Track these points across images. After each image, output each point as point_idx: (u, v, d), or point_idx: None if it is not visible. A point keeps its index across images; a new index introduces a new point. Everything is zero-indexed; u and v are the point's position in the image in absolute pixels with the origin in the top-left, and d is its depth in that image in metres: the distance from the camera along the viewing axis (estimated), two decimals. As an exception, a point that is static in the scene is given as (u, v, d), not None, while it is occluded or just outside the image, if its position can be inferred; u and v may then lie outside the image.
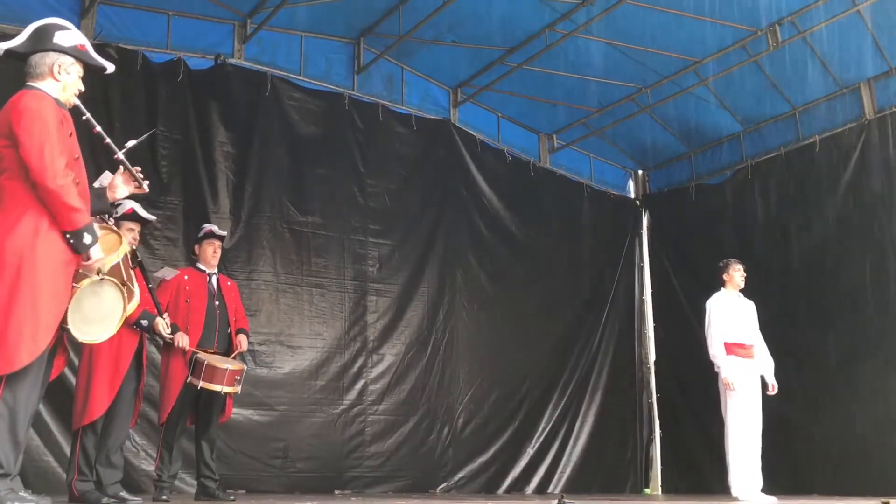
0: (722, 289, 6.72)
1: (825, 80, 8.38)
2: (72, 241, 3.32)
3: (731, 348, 6.44)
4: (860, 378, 7.88)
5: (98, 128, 3.59)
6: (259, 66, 8.18)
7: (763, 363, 6.54)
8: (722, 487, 8.46)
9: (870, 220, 8.03)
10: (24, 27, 3.54)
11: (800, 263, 8.43)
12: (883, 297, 7.84)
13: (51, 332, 3.27)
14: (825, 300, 8.27)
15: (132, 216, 4.98)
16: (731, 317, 6.53)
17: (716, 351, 6.45)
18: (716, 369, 6.51)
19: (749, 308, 6.70)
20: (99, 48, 3.75)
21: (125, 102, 7.25)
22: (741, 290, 6.74)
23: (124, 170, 3.71)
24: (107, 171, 4.11)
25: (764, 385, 6.52)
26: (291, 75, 8.39)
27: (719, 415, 6.65)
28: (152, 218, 5.34)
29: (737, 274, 6.66)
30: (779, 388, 6.50)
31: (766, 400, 6.54)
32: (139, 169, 3.76)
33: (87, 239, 3.35)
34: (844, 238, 8.22)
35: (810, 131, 8.76)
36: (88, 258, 3.38)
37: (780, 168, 9.00)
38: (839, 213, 8.33)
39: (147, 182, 3.78)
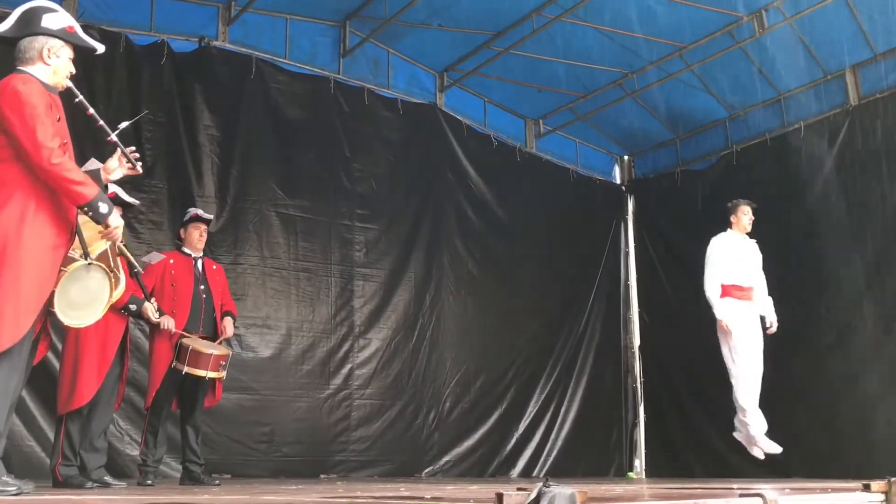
0: (728, 230, 6.59)
1: (810, 67, 8.40)
2: (90, 214, 3.34)
3: (728, 290, 6.32)
4: (842, 361, 7.96)
5: (91, 110, 3.59)
6: (243, 49, 8.12)
7: (762, 303, 6.43)
8: (704, 470, 8.58)
9: (853, 205, 8.09)
10: (7, 7, 3.50)
11: (783, 249, 8.47)
12: (865, 283, 7.91)
13: (33, 317, 3.26)
14: (808, 285, 8.33)
15: (114, 200, 4.91)
16: (731, 258, 6.40)
17: (710, 293, 6.31)
18: (713, 311, 6.35)
19: (752, 249, 6.58)
20: (81, 29, 3.70)
21: (108, 85, 7.19)
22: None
23: (119, 152, 3.69)
24: (93, 159, 4.09)
25: (763, 326, 6.40)
26: (276, 58, 8.33)
27: (702, 399, 6.66)
28: (135, 202, 5.32)
29: (744, 217, 6.53)
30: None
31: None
32: (133, 149, 3.75)
33: (103, 208, 3.36)
34: (828, 223, 8.27)
35: (795, 117, 8.80)
36: (108, 226, 3.39)
37: (765, 154, 9.04)
38: (823, 199, 8.37)
39: (141, 163, 3.78)
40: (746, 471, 6.58)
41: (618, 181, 10.93)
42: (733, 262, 6.42)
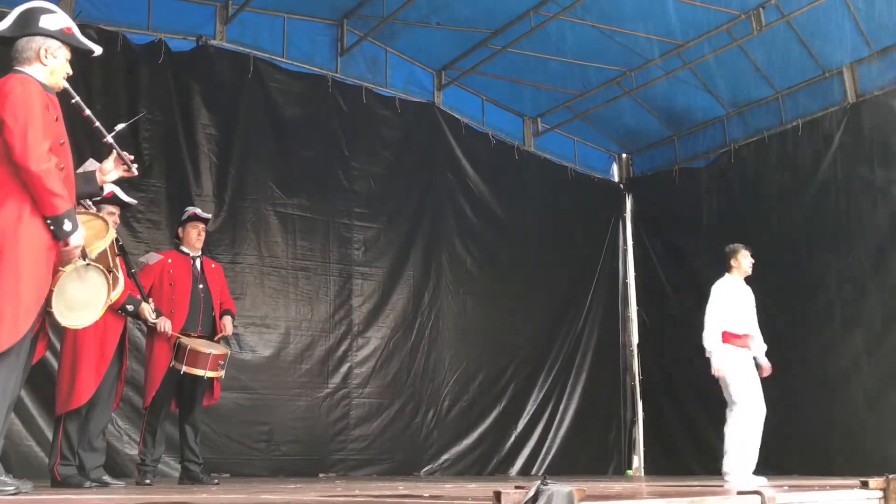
0: (727, 274, 6.43)
1: (808, 64, 8.41)
2: (52, 227, 3.31)
3: (729, 338, 6.24)
4: (841, 359, 7.98)
5: (87, 111, 3.59)
6: (241, 48, 8.11)
7: (757, 348, 6.37)
8: (702, 468, 8.58)
9: (851, 202, 8.10)
10: (6, 8, 3.50)
11: (781, 247, 8.49)
12: (861, 280, 7.92)
13: (32, 317, 3.25)
14: (805, 283, 8.34)
15: (112, 199, 4.93)
16: (734, 305, 6.31)
17: (710, 339, 6.22)
18: (706, 354, 6.28)
19: (749, 295, 6.50)
20: (78, 29, 3.70)
21: (106, 84, 7.18)
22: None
23: (115, 154, 3.69)
24: (91, 159, 4.09)
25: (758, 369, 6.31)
26: (274, 57, 8.32)
27: (701, 397, 6.63)
28: (133, 201, 5.30)
29: (745, 261, 6.39)
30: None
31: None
32: (127, 153, 3.75)
33: (67, 226, 3.33)
34: (826, 221, 8.29)
35: (793, 115, 8.81)
36: (67, 245, 3.37)
37: (763, 151, 9.05)
38: (821, 197, 8.39)
39: (136, 165, 3.78)
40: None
41: (616, 179, 10.93)
42: (736, 311, 6.31)
